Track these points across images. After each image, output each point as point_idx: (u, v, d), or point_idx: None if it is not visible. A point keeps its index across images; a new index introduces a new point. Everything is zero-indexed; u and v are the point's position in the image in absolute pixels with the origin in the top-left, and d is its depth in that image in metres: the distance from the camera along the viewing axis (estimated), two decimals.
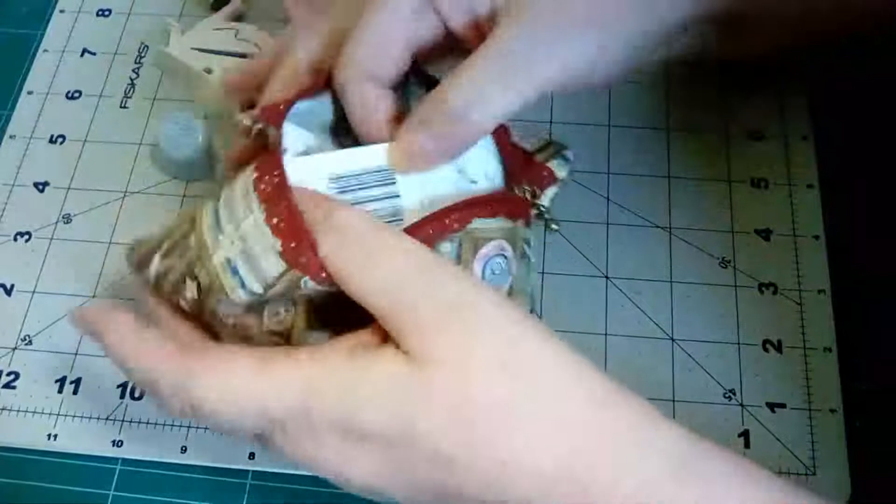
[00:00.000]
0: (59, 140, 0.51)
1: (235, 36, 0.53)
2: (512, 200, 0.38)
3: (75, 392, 0.44)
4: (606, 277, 0.46)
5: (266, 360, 0.32)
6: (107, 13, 0.56)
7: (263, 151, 0.36)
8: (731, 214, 0.47)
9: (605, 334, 0.44)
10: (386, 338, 0.32)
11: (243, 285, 0.34)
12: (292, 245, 0.33)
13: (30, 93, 0.53)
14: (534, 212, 0.39)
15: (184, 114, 0.49)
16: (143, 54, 0.54)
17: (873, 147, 0.48)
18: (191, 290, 0.35)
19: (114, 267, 0.47)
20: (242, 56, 0.52)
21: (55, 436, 0.43)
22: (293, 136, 0.38)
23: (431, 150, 0.36)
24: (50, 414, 0.43)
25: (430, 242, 0.34)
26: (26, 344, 0.45)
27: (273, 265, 0.33)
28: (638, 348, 0.44)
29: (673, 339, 0.44)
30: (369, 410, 0.30)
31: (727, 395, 0.43)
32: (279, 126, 0.36)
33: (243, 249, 0.34)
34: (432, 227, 0.35)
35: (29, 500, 0.42)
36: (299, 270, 0.33)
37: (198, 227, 0.36)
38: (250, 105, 0.40)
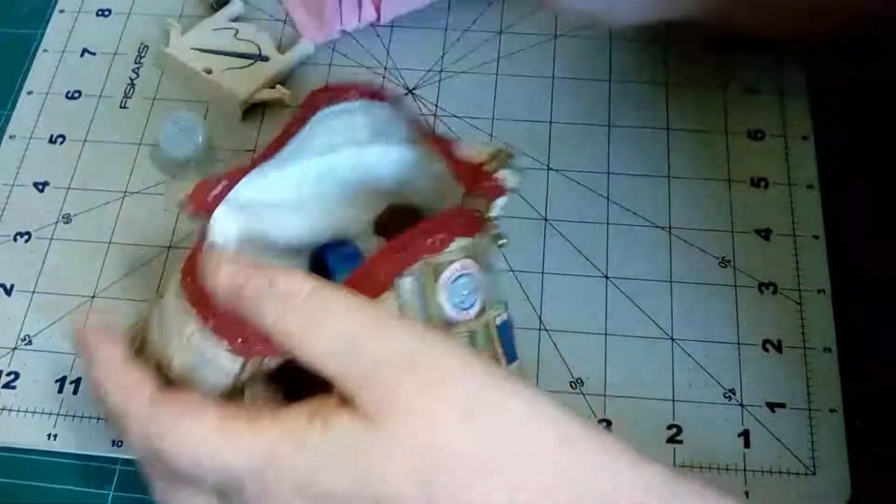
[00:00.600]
0: (59, 140, 0.51)
1: (235, 36, 0.53)
2: (464, 216, 0.36)
3: (75, 392, 0.44)
4: (606, 277, 0.46)
5: (230, 418, 0.31)
6: (107, 13, 0.56)
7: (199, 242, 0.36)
8: (731, 214, 0.47)
9: (605, 334, 0.44)
10: (340, 401, 0.31)
11: (209, 383, 0.34)
12: (239, 341, 0.33)
13: (30, 93, 0.53)
14: (487, 223, 0.38)
15: (184, 114, 0.49)
16: (143, 54, 0.54)
17: (873, 147, 0.48)
18: (169, 375, 0.35)
19: (114, 267, 0.47)
20: (242, 56, 0.52)
21: (55, 436, 0.43)
22: (225, 223, 0.38)
23: None
24: (50, 414, 0.43)
25: (387, 284, 0.34)
26: (26, 344, 0.45)
27: (229, 362, 0.33)
28: (638, 348, 0.44)
29: (673, 339, 0.44)
30: (328, 474, 0.30)
31: (727, 395, 0.43)
32: (207, 216, 0.36)
33: (196, 355, 0.34)
34: (384, 270, 0.34)
35: (29, 500, 0.42)
36: (255, 357, 0.33)
37: (149, 333, 0.36)
38: None
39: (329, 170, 0.41)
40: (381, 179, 0.42)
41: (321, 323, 0.31)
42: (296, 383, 0.32)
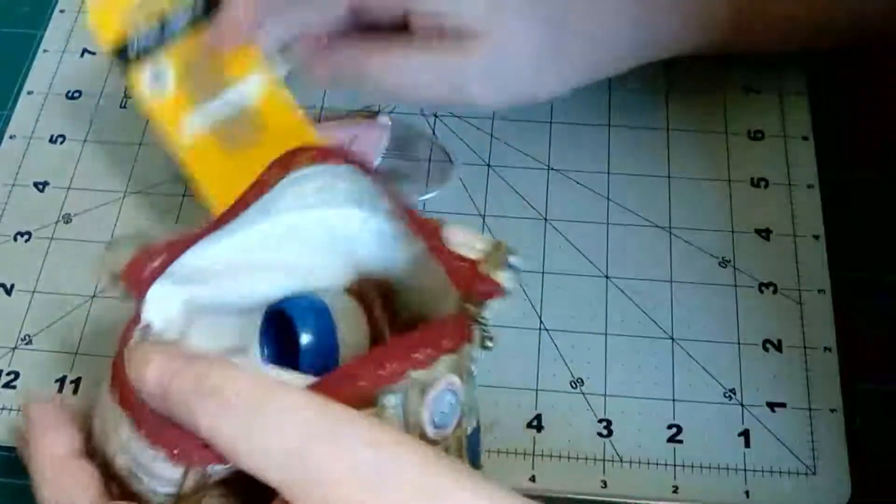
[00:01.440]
0: (59, 140, 0.51)
1: None
2: (453, 327, 0.34)
3: (75, 392, 0.44)
4: (606, 277, 0.46)
5: None
6: None
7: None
8: (731, 214, 0.47)
9: (605, 334, 0.44)
10: None
11: (153, 489, 0.31)
12: (175, 450, 0.30)
13: (30, 93, 0.53)
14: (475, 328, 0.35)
15: None
16: None
17: (873, 147, 0.48)
18: (115, 482, 0.32)
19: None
20: None
21: None
22: (165, 299, 0.35)
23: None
24: None
25: (369, 397, 0.31)
26: (26, 344, 0.45)
27: (169, 470, 0.30)
28: (638, 348, 0.44)
29: (673, 339, 0.44)
30: None
31: (727, 395, 0.43)
32: (141, 294, 0.33)
33: (134, 460, 0.31)
34: (368, 381, 0.31)
35: (29, 500, 0.42)
36: (198, 465, 0.30)
37: (94, 422, 0.33)
38: None
39: (295, 229, 0.37)
40: (353, 247, 0.39)
41: (261, 428, 0.27)
42: (256, 488, 0.29)
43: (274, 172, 0.35)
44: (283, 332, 0.37)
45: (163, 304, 0.35)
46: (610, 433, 0.42)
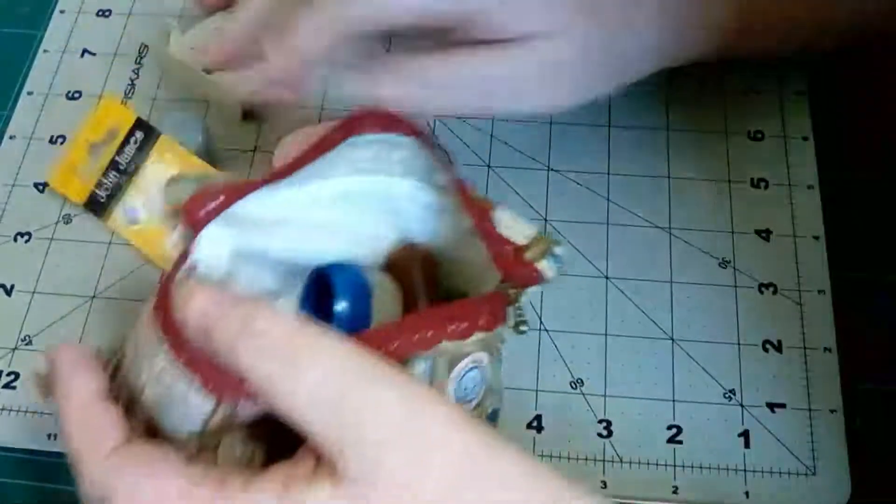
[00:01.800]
0: (59, 140, 0.51)
1: None
2: (492, 304, 0.35)
3: None
4: (606, 277, 0.46)
5: (195, 484, 0.29)
6: (107, 13, 0.56)
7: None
8: (731, 214, 0.47)
9: (605, 334, 0.44)
10: (317, 465, 0.28)
11: (181, 422, 0.31)
12: (210, 382, 0.30)
13: (30, 93, 0.53)
14: (510, 309, 0.36)
15: (184, 114, 0.49)
16: (143, 54, 0.54)
17: (873, 147, 0.48)
18: (138, 420, 0.33)
19: (114, 267, 0.47)
20: None
21: (55, 436, 0.43)
22: (217, 239, 0.35)
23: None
24: (50, 414, 0.43)
25: (400, 360, 0.31)
26: (26, 344, 0.45)
27: (200, 402, 0.31)
28: (638, 348, 0.44)
29: (673, 339, 0.44)
30: None
31: (727, 395, 0.43)
32: (195, 232, 0.34)
33: (166, 390, 0.31)
34: (400, 344, 0.31)
35: (29, 500, 0.42)
36: (229, 401, 0.30)
37: (123, 362, 0.33)
38: None
39: (348, 193, 0.38)
40: (402, 217, 0.39)
41: (304, 371, 0.28)
42: (280, 436, 0.30)
43: (337, 134, 0.35)
44: (322, 297, 0.38)
45: (213, 246, 0.35)
46: (610, 433, 0.42)
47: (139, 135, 0.48)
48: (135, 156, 0.48)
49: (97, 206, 0.48)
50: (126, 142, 0.48)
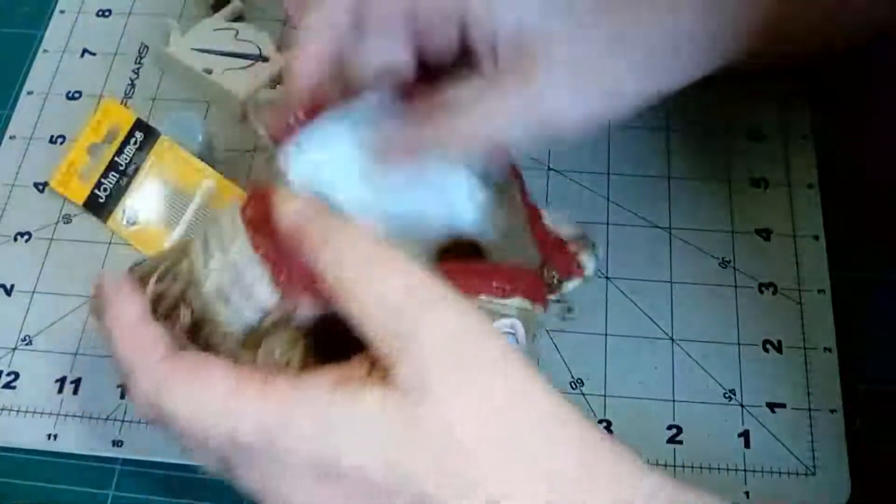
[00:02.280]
0: (59, 140, 0.51)
1: (235, 36, 0.53)
2: (534, 280, 0.36)
3: (75, 392, 0.44)
4: (607, 277, 0.46)
5: (243, 380, 0.30)
6: (107, 13, 0.56)
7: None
8: (731, 214, 0.47)
9: (605, 334, 0.44)
10: (371, 370, 0.30)
11: (237, 314, 0.33)
12: (283, 275, 0.33)
13: (30, 93, 0.53)
14: (552, 298, 0.38)
15: (184, 114, 0.49)
16: (143, 54, 0.54)
17: (873, 147, 0.48)
18: (185, 316, 0.34)
19: (114, 267, 0.47)
20: (242, 56, 0.52)
21: (55, 436, 0.43)
22: (304, 160, 0.36)
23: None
24: (50, 414, 0.43)
25: None
26: (26, 344, 0.45)
27: (266, 294, 0.33)
28: (638, 348, 0.44)
29: (673, 339, 0.44)
30: (350, 448, 0.28)
31: (727, 395, 0.43)
32: (283, 148, 0.36)
33: (234, 279, 0.33)
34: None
35: (29, 500, 0.42)
36: (293, 298, 0.32)
37: (190, 253, 0.35)
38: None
39: (411, 174, 0.38)
40: (455, 210, 0.39)
41: (376, 280, 0.30)
42: (318, 350, 0.32)
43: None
44: None
45: (294, 165, 0.37)
46: (610, 433, 0.42)
47: (139, 135, 0.48)
48: (134, 156, 0.48)
49: (97, 206, 0.48)
50: (126, 142, 0.48)
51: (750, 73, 0.50)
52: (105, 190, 0.48)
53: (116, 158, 0.48)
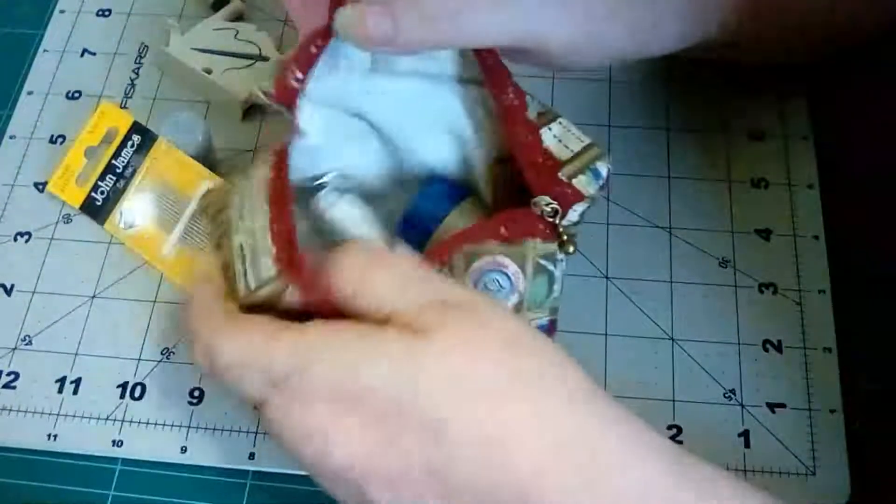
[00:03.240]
0: (59, 140, 0.51)
1: (235, 36, 0.53)
2: (515, 218, 0.36)
3: (75, 392, 0.44)
4: (606, 277, 0.46)
5: (280, 328, 0.33)
6: (107, 13, 0.56)
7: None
8: (731, 214, 0.47)
9: (605, 334, 0.44)
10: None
11: (245, 276, 0.35)
12: (284, 255, 0.34)
13: (30, 93, 0.53)
14: (563, 225, 0.37)
15: (184, 114, 0.49)
16: (143, 54, 0.54)
17: (873, 147, 0.48)
18: (220, 258, 0.37)
19: (114, 267, 0.47)
20: (242, 56, 0.52)
21: (55, 436, 0.43)
22: (311, 112, 0.38)
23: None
24: (50, 414, 0.43)
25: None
26: (26, 344, 0.45)
27: (267, 267, 0.34)
28: (638, 348, 0.44)
29: (673, 339, 0.44)
30: (369, 368, 0.30)
31: (727, 395, 0.43)
32: (291, 108, 0.37)
33: (252, 243, 0.35)
34: (434, 254, 0.36)
35: (29, 500, 0.42)
36: (287, 279, 0.34)
37: (230, 203, 0.37)
38: None
39: (410, 102, 0.41)
40: (456, 129, 0.41)
41: (379, 266, 0.33)
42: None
43: None
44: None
45: (309, 118, 0.39)
46: None
47: (136, 138, 0.48)
48: (132, 159, 0.48)
49: (94, 209, 0.48)
50: (123, 145, 0.48)
51: (750, 73, 0.50)
52: (102, 193, 0.48)
53: (114, 161, 0.48)
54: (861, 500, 0.40)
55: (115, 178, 0.48)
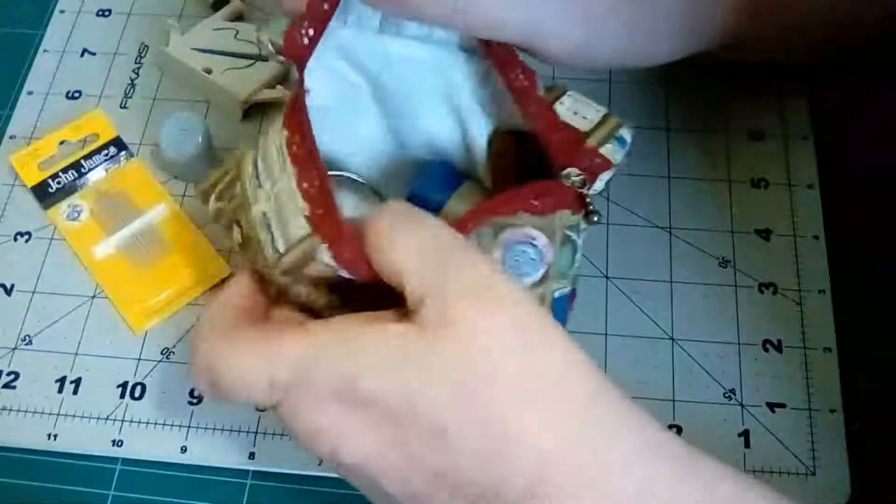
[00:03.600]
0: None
1: (235, 36, 0.53)
2: (546, 190, 0.36)
3: (75, 392, 0.44)
4: (606, 277, 0.46)
5: (281, 332, 0.32)
6: (107, 13, 0.56)
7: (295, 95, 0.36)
8: (731, 214, 0.47)
9: (605, 334, 0.44)
10: (399, 316, 0.32)
11: (272, 241, 0.34)
12: (319, 212, 0.33)
13: (30, 93, 0.53)
14: (590, 194, 0.37)
15: (184, 114, 0.49)
16: (143, 54, 0.54)
17: (873, 147, 0.48)
18: (237, 235, 0.36)
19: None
20: (242, 56, 0.52)
21: (55, 436, 0.43)
22: (321, 74, 0.38)
23: None
24: (50, 414, 0.43)
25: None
26: (26, 344, 0.45)
27: (298, 227, 0.34)
28: (638, 348, 0.44)
29: (673, 339, 0.44)
30: (372, 372, 0.30)
31: (727, 395, 0.43)
32: (301, 66, 0.36)
33: (276, 208, 0.34)
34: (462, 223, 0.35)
35: (29, 500, 0.42)
36: (320, 237, 0.33)
37: (242, 175, 0.36)
38: None
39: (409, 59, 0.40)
40: (461, 105, 0.41)
41: (410, 230, 0.32)
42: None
43: None
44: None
45: (320, 74, 0.38)
46: None
47: (112, 150, 0.50)
48: (100, 165, 0.49)
49: (44, 194, 0.49)
50: (98, 151, 0.50)
51: (750, 73, 0.50)
52: (59, 183, 0.49)
53: (83, 161, 0.49)
54: (861, 500, 0.40)
55: (76, 175, 0.49)
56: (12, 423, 0.43)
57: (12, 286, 0.47)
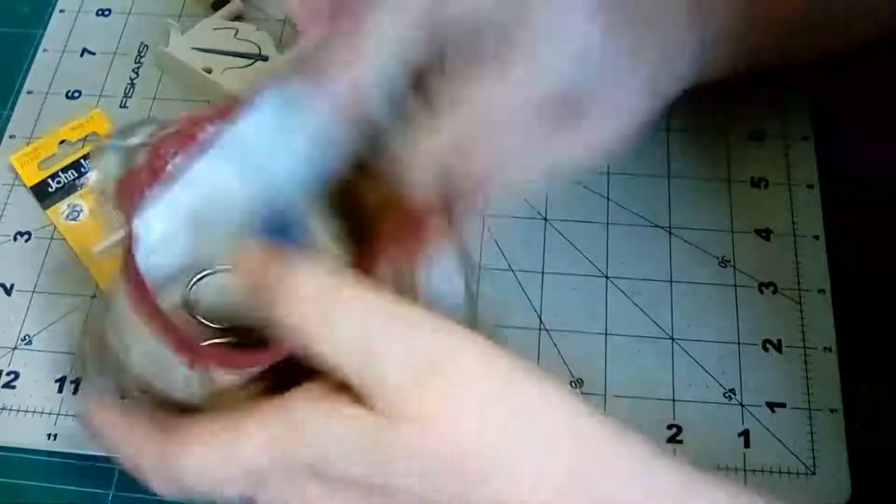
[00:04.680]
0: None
1: (235, 36, 0.53)
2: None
3: (75, 392, 0.44)
4: (606, 277, 0.46)
5: (235, 423, 0.31)
6: (107, 13, 0.56)
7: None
8: (731, 214, 0.47)
9: (605, 334, 0.44)
10: (339, 387, 0.30)
11: (176, 389, 0.33)
12: (181, 346, 0.32)
13: (30, 93, 0.53)
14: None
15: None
16: (143, 54, 0.54)
17: (873, 147, 0.48)
18: (137, 398, 0.35)
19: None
20: (242, 56, 0.52)
21: (55, 436, 0.43)
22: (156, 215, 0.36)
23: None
24: (50, 414, 0.43)
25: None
26: (26, 344, 0.45)
27: (187, 371, 0.32)
28: (638, 348, 0.44)
29: (673, 339, 0.44)
30: (341, 460, 0.29)
31: (727, 395, 0.43)
32: (130, 217, 0.34)
33: (156, 363, 0.33)
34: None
35: (29, 500, 0.42)
36: (201, 367, 0.32)
37: (109, 345, 0.35)
38: None
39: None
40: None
41: (338, 317, 0.30)
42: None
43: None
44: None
45: (157, 220, 0.36)
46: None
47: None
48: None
49: (44, 194, 0.49)
50: None
51: (750, 73, 0.50)
52: (59, 182, 0.49)
53: (82, 161, 0.49)
54: (861, 500, 0.40)
55: (76, 175, 0.49)
56: (12, 423, 0.43)
57: (12, 286, 0.47)
